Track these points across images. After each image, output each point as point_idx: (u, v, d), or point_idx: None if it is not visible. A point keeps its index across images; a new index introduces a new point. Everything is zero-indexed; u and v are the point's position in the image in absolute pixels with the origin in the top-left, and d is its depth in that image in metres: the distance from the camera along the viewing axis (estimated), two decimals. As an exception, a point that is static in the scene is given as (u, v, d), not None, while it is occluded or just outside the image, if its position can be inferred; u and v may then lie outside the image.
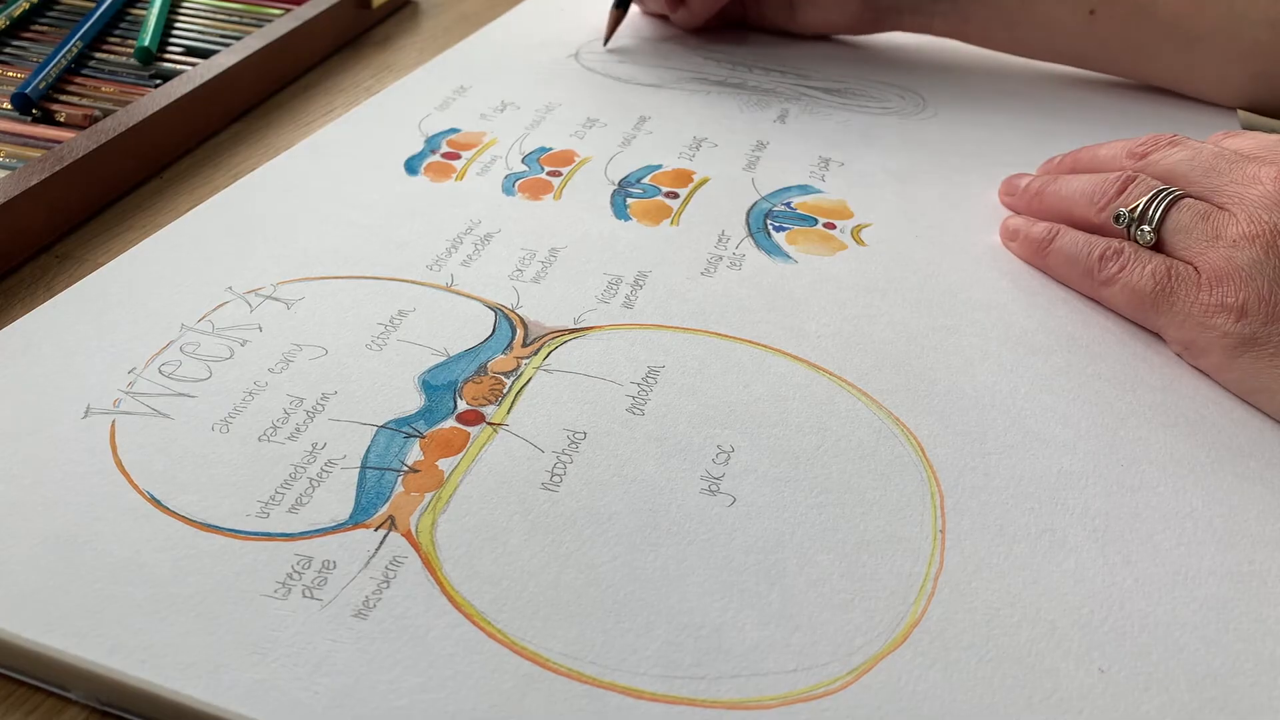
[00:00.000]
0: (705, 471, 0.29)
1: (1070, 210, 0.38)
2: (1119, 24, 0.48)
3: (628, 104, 0.49)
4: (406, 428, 0.30)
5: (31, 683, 0.24)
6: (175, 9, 0.53)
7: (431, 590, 0.25)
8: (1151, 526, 0.28)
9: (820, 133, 0.47)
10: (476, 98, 0.48)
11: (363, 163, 0.43)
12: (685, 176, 0.43)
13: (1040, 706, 0.23)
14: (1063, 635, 0.25)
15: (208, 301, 0.34)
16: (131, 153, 0.42)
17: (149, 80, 0.47)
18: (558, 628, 0.24)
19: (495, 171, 0.43)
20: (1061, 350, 0.34)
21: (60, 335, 0.32)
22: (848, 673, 0.24)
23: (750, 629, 0.24)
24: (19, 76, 0.47)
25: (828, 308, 0.36)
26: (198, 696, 0.22)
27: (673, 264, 0.37)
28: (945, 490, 0.29)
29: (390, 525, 0.26)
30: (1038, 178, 0.41)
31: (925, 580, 0.26)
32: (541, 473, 0.28)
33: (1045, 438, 0.31)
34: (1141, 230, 0.35)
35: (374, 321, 0.34)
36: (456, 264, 0.37)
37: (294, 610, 0.24)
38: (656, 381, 0.32)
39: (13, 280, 0.36)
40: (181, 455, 0.28)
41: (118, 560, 0.25)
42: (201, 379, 0.31)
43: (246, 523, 0.26)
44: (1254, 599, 0.26)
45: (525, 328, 0.34)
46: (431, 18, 0.59)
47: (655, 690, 0.23)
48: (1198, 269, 0.33)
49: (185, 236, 0.38)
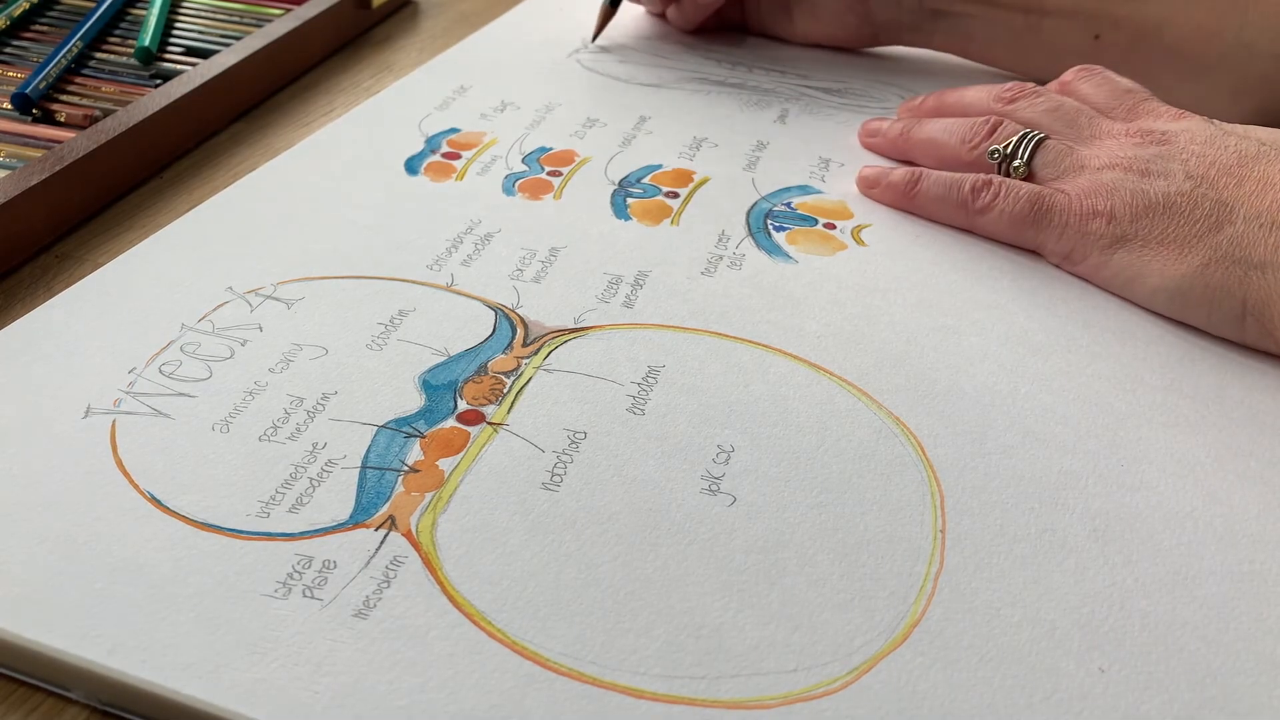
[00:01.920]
0: (705, 471, 0.29)
1: (939, 150, 0.43)
2: (1124, 50, 0.48)
3: (628, 104, 0.49)
4: (407, 427, 0.30)
5: (31, 683, 0.24)
6: (175, 9, 0.53)
7: (431, 590, 0.25)
8: (1151, 526, 0.28)
9: (820, 133, 0.47)
10: (476, 98, 0.48)
11: (363, 163, 0.43)
12: (685, 176, 0.43)
13: (1040, 706, 0.23)
14: (1063, 635, 0.25)
15: (208, 301, 0.34)
16: (131, 153, 0.42)
17: (149, 80, 0.47)
18: (558, 628, 0.24)
19: (495, 171, 0.43)
20: (1061, 350, 0.34)
21: (60, 335, 0.32)
22: (848, 673, 0.24)
23: (750, 629, 0.25)
24: (19, 76, 0.47)
25: (828, 308, 0.36)
26: (198, 696, 0.22)
27: (673, 264, 0.37)
28: (945, 490, 0.29)
29: (390, 525, 0.26)
30: (900, 120, 0.45)
31: (925, 580, 0.26)
32: (542, 473, 0.28)
33: (1045, 438, 0.31)
34: (1014, 166, 0.40)
35: (374, 321, 0.34)
36: (457, 264, 0.37)
37: (294, 610, 0.24)
38: (657, 381, 0.32)
39: (13, 280, 0.36)
40: (182, 455, 0.28)
41: (118, 560, 0.25)
42: (202, 379, 0.31)
43: (247, 522, 0.26)
44: (1254, 599, 0.26)
45: (525, 327, 0.34)
46: (431, 18, 0.59)
47: (655, 690, 0.23)
48: (1067, 191, 0.38)
49: (185, 236, 0.38)
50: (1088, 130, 0.40)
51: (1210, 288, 0.34)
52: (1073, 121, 0.40)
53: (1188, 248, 0.35)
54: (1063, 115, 0.41)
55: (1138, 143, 0.38)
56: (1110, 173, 0.37)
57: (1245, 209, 0.34)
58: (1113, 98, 0.41)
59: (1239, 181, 0.35)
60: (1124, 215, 0.36)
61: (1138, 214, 0.36)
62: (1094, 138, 0.40)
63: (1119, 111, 0.41)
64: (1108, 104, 0.41)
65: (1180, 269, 0.35)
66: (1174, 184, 0.36)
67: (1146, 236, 0.36)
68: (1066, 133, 0.40)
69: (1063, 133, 0.40)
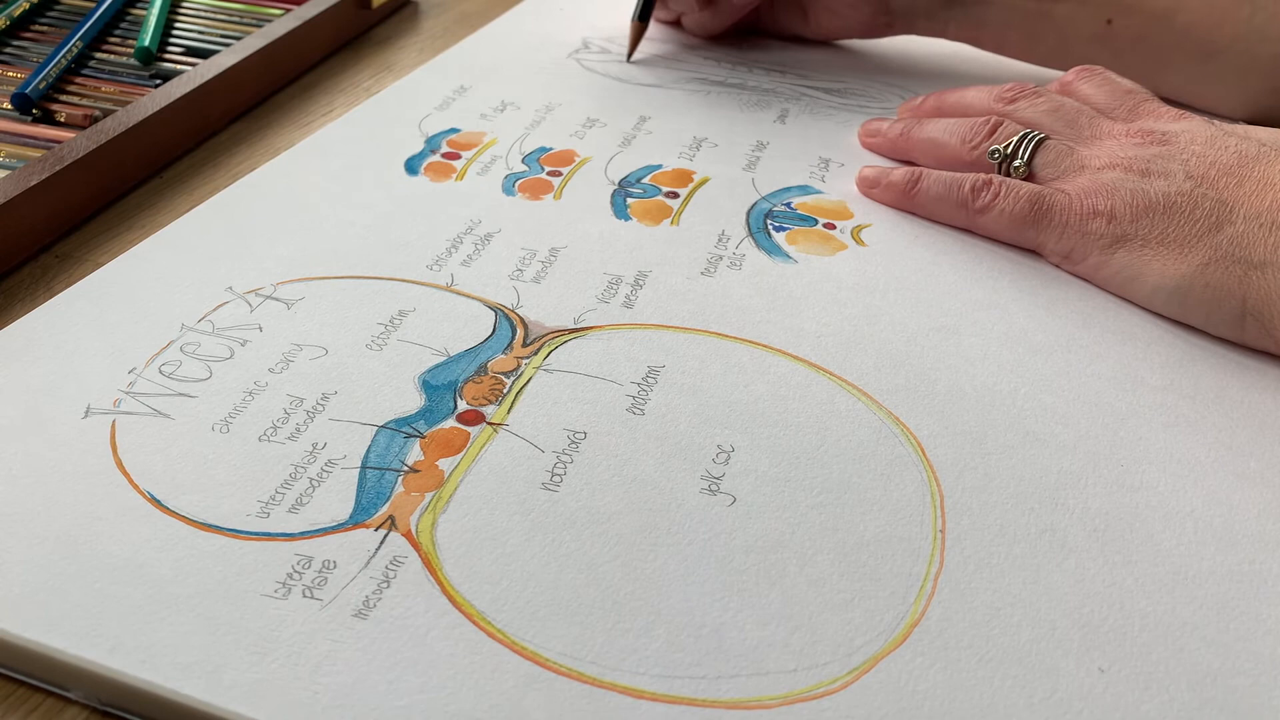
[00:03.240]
0: (705, 471, 0.29)
1: (939, 150, 0.43)
2: (1136, 34, 0.48)
3: (628, 104, 0.49)
4: (407, 428, 0.30)
5: (31, 683, 0.24)
6: (175, 9, 0.53)
7: (431, 590, 0.25)
8: (1151, 526, 0.28)
9: (820, 133, 0.47)
10: (476, 98, 0.48)
11: (363, 163, 0.43)
12: (685, 176, 0.43)
13: (1040, 706, 0.23)
14: (1063, 635, 0.25)
15: (208, 301, 0.34)
16: (131, 153, 0.42)
17: (149, 80, 0.47)
18: (558, 628, 0.24)
19: (495, 171, 0.43)
20: (1061, 350, 0.34)
21: (60, 335, 0.32)
22: (848, 673, 0.24)
23: (750, 629, 0.25)
24: (19, 76, 0.47)
25: (828, 308, 0.36)
26: (198, 696, 0.22)
27: (673, 264, 0.37)
28: (945, 490, 0.29)
29: (390, 525, 0.26)
30: (901, 120, 0.45)
31: (925, 580, 0.26)
32: (541, 473, 0.28)
33: (1045, 438, 0.31)
34: (1014, 166, 0.40)
35: (374, 321, 0.34)
36: (456, 264, 0.37)
37: (294, 610, 0.24)
38: (656, 381, 0.32)
39: (13, 280, 0.36)
40: (181, 455, 0.28)
41: (118, 560, 0.25)
42: (202, 379, 0.31)
43: (247, 523, 0.26)
44: (1254, 599, 0.26)
45: (525, 327, 0.34)
46: (431, 18, 0.59)
47: (655, 690, 0.23)
48: (1067, 191, 0.38)
49: (185, 236, 0.38)
50: (1088, 130, 0.40)
51: (1210, 287, 0.34)
52: (1073, 121, 0.40)
53: (1188, 247, 0.35)
54: (1063, 115, 0.41)
55: (1138, 143, 0.38)
56: (1111, 173, 0.37)
57: (1245, 209, 0.34)
58: (1113, 98, 0.41)
59: (1239, 182, 0.35)
60: (1124, 215, 0.36)
61: (1138, 214, 0.36)
62: (1094, 138, 0.40)
63: (1119, 112, 0.41)
64: (1108, 104, 0.41)
65: (1180, 269, 0.35)
66: (1174, 184, 0.36)
67: (1147, 236, 0.36)
68: (1067, 133, 0.40)
69: (1063, 133, 0.40)
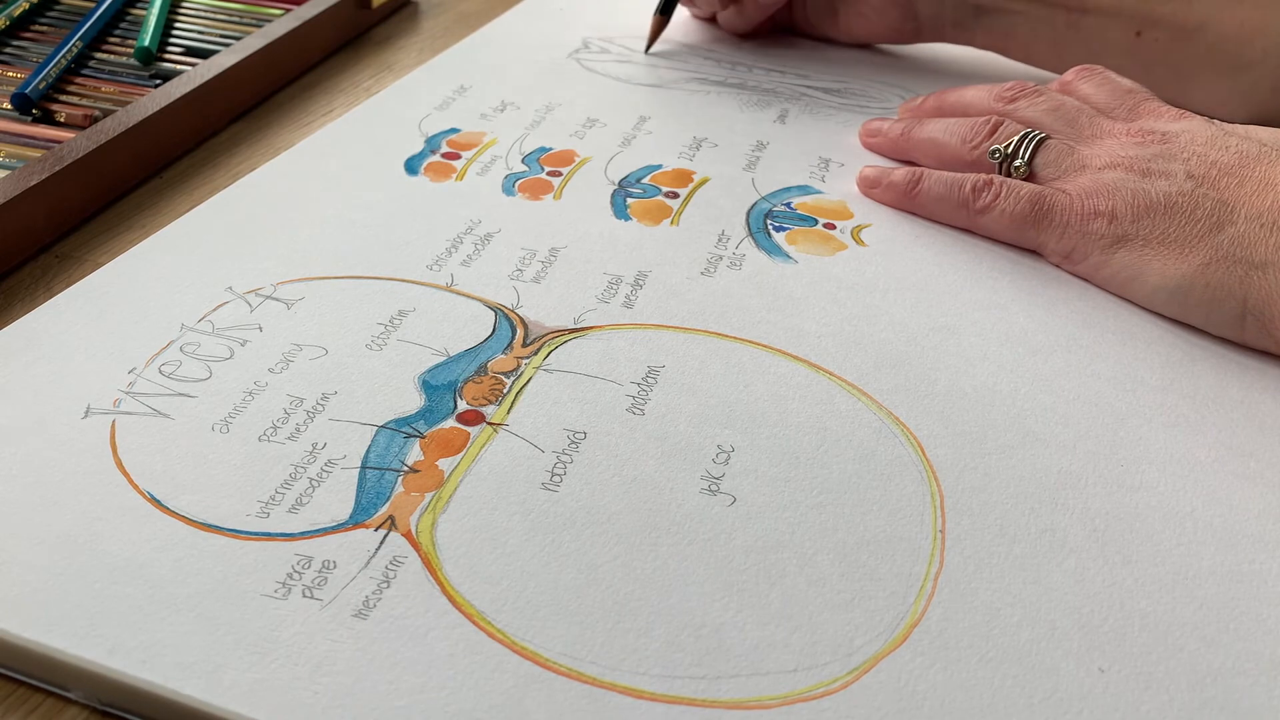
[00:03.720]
0: (705, 471, 0.29)
1: (940, 150, 0.43)
2: (1165, 47, 0.48)
3: (628, 104, 0.49)
4: (407, 428, 0.30)
5: (31, 683, 0.24)
6: (175, 9, 0.53)
7: (431, 590, 0.25)
8: (1151, 526, 0.28)
9: (820, 133, 0.47)
10: (476, 98, 0.48)
11: (363, 163, 0.43)
12: (685, 176, 0.43)
13: (1040, 706, 0.23)
14: (1063, 635, 0.25)
15: (208, 301, 0.34)
16: (131, 153, 0.42)
17: (149, 80, 0.47)
18: (558, 628, 0.24)
19: (495, 171, 0.43)
20: (1061, 350, 0.34)
21: (60, 335, 0.32)
22: (848, 673, 0.24)
23: (750, 629, 0.25)
24: (19, 76, 0.47)
25: (828, 308, 0.36)
26: (198, 696, 0.22)
27: (673, 264, 0.37)
28: (945, 490, 0.29)
29: (390, 525, 0.26)
30: (901, 120, 0.45)
31: (925, 580, 0.26)
32: (541, 473, 0.28)
33: (1045, 438, 0.31)
34: (1015, 166, 0.40)
35: (374, 321, 0.34)
36: (456, 264, 0.37)
37: (294, 610, 0.24)
38: (656, 381, 0.32)
39: (13, 280, 0.36)
40: (181, 455, 0.28)
41: (118, 560, 0.25)
42: (201, 379, 0.31)
43: (247, 523, 0.26)
44: (1254, 599, 0.26)
45: (525, 327, 0.34)
46: (431, 18, 0.59)
47: (655, 690, 0.23)
48: (1068, 191, 0.38)
49: (185, 236, 0.38)
50: (1089, 130, 0.40)
51: (1211, 287, 0.34)
52: (1074, 121, 0.40)
53: (1188, 247, 0.35)
54: (1064, 115, 0.41)
55: (1139, 142, 0.38)
56: (1111, 172, 0.37)
57: (1246, 209, 0.34)
58: (1113, 97, 0.41)
59: (1240, 182, 0.35)
60: (1125, 215, 0.36)
61: (1139, 214, 0.36)
62: (1095, 137, 0.40)
63: (1120, 111, 0.41)
64: (1108, 104, 0.41)
65: (1181, 269, 0.35)
66: (1175, 184, 0.36)
67: (1147, 236, 0.36)
68: (1067, 132, 0.40)
69: (1064, 132, 0.40)
